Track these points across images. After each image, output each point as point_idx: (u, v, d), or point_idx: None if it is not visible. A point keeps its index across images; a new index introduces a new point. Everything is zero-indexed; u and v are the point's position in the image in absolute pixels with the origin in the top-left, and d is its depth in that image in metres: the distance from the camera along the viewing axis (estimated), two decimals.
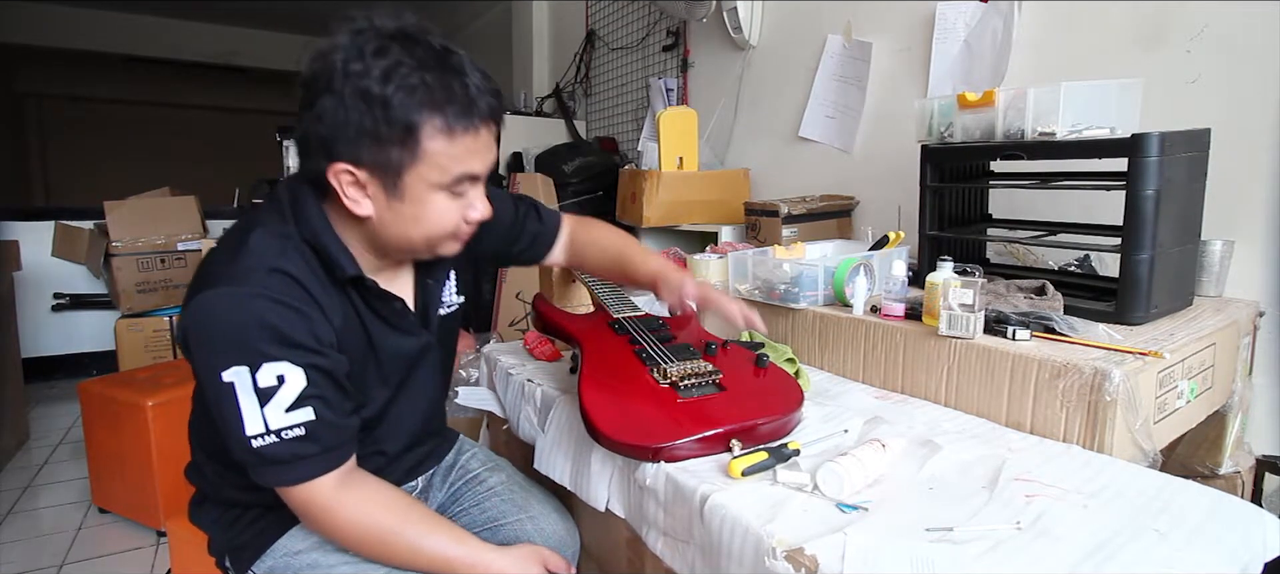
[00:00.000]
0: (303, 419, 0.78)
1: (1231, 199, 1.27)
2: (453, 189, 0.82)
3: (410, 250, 0.89)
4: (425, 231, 0.84)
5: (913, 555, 0.66)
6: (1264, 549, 0.73)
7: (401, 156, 0.78)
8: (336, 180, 0.79)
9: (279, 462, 0.79)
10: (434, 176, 0.80)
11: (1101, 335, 1.04)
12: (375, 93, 0.74)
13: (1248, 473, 1.23)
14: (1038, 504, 0.77)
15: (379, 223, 0.83)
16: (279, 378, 0.77)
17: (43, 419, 3.15)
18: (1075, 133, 1.14)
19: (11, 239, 3.14)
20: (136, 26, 5.94)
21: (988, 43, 1.64)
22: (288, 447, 0.78)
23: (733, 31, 2.31)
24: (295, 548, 0.92)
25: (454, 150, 0.79)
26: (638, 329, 1.14)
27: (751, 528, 0.74)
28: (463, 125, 0.78)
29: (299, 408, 0.78)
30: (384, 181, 0.79)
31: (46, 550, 2.03)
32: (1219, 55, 1.31)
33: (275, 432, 0.77)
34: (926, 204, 1.39)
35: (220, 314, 0.76)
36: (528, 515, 1.09)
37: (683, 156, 2.11)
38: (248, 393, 0.76)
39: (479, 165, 0.83)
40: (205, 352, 0.77)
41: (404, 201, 0.81)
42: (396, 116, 0.75)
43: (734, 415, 0.92)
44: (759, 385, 1.03)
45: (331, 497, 0.82)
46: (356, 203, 0.81)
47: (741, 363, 1.07)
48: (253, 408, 0.76)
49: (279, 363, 0.77)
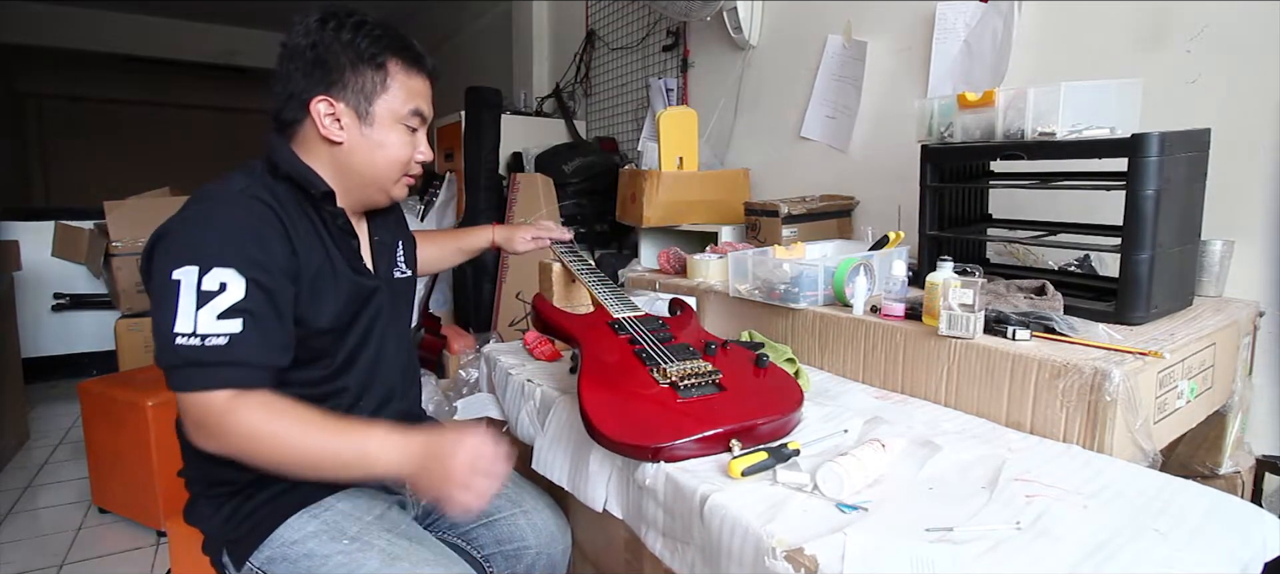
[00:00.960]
0: (228, 330, 0.81)
1: (1231, 199, 1.27)
2: (408, 123, 1.00)
3: (371, 181, 1.01)
4: (387, 158, 0.99)
5: (913, 555, 0.66)
6: (1264, 549, 0.73)
7: (374, 84, 0.96)
8: (317, 111, 0.94)
9: (193, 364, 0.80)
10: (396, 105, 0.98)
11: (1101, 335, 1.04)
12: (350, 38, 0.94)
13: (1248, 473, 1.23)
14: (1038, 504, 0.77)
15: (350, 150, 0.97)
16: (221, 285, 0.82)
17: (43, 419, 3.15)
18: (1075, 133, 1.14)
19: (11, 239, 3.15)
20: (136, 26, 5.94)
21: (988, 43, 1.64)
22: (206, 352, 0.80)
23: (733, 31, 2.31)
24: (292, 538, 0.92)
25: (412, 85, 0.99)
26: (637, 329, 1.14)
27: (751, 528, 0.74)
28: (417, 67, 1.00)
29: (229, 318, 0.82)
30: (357, 109, 0.96)
31: (46, 550, 2.03)
32: (1219, 55, 1.31)
33: (200, 336, 0.80)
34: (926, 204, 1.39)
35: (188, 223, 0.85)
36: (521, 509, 1.10)
37: (683, 156, 2.11)
38: (190, 292, 0.81)
39: (427, 107, 1.02)
40: (163, 257, 0.83)
41: (373, 127, 0.97)
42: (369, 52, 0.95)
43: (734, 415, 0.92)
44: (759, 385, 1.03)
45: (225, 405, 0.81)
46: (331, 131, 0.96)
47: (741, 363, 1.07)
48: (189, 307, 0.80)
49: (226, 269, 0.82)
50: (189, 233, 0.84)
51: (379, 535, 0.94)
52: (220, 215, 0.86)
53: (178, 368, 0.81)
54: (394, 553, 0.92)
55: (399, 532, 0.96)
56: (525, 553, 1.08)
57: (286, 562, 0.92)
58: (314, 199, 0.96)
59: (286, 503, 0.94)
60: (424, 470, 0.84)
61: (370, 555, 0.91)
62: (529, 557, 1.08)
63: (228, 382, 0.82)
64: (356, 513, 0.96)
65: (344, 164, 0.98)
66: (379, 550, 0.91)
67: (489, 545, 1.08)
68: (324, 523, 0.94)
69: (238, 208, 0.87)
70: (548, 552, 1.10)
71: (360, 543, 0.92)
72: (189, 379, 0.81)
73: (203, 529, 0.99)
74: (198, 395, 0.81)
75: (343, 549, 0.91)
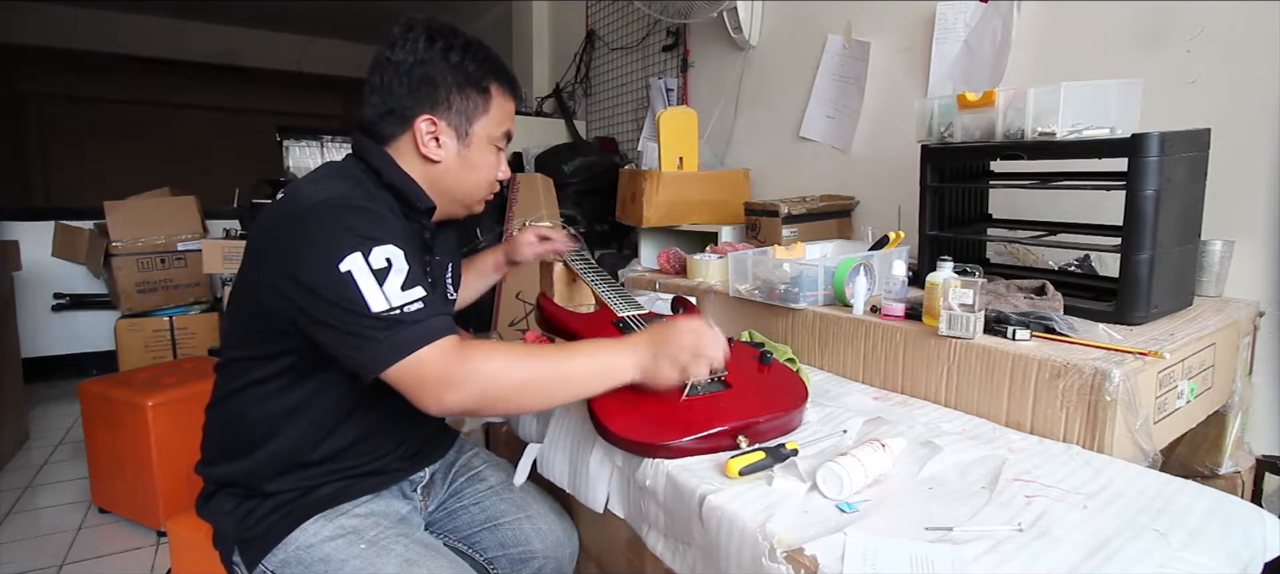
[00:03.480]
0: (417, 296, 0.83)
1: (1231, 199, 1.27)
2: (498, 144, 1.04)
3: (459, 198, 1.04)
4: (478, 179, 1.03)
5: (913, 555, 0.66)
6: (1264, 549, 0.73)
7: (476, 106, 0.99)
8: (418, 131, 0.97)
9: (405, 326, 0.81)
10: (493, 128, 1.02)
11: (1101, 335, 1.04)
12: (459, 61, 0.97)
13: (1248, 473, 1.23)
14: (1038, 504, 0.77)
15: (445, 169, 1.00)
16: (387, 260, 0.83)
17: (43, 419, 3.14)
18: (1075, 133, 1.14)
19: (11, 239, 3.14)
20: (136, 26, 5.94)
21: (987, 43, 1.64)
22: (410, 316, 0.81)
23: (733, 31, 2.31)
24: (308, 542, 0.92)
25: (508, 109, 1.04)
26: (641, 327, 1.14)
27: (750, 528, 0.74)
28: (514, 91, 1.05)
29: (411, 287, 0.83)
30: (458, 130, 0.99)
31: (46, 550, 2.03)
32: (1219, 55, 1.31)
33: (397, 307, 0.81)
34: (926, 204, 1.39)
35: (325, 224, 0.84)
36: (526, 515, 1.09)
37: (683, 156, 2.11)
38: (366, 275, 0.81)
39: (514, 129, 1.07)
40: (317, 253, 0.82)
41: (470, 148, 1.01)
42: (476, 75, 0.98)
43: (740, 412, 0.93)
44: (764, 382, 1.03)
45: (456, 348, 0.82)
46: (431, 149, 0.98)
47: (745, 360, 1.08)
48: (373, 287, 0.81)
49: (385, 246, 0.83)
50: (329, 232, 0.83)
51: (396, 541, 0.93)
52: (353, 207, 0.86)
53: (391, 341, 0.80)
54: (411, 558, 0.91)
55: (415, 539, 0.95)
56: (531, 559, 1.08)
57: (301, 565, 0.91)
58: (412, 212, 0.99)
59: (303, 507, 0.93)
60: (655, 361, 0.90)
61: (387, 561, 0.90)
62: (535, 562, 1.08)
63: (445, 329, 0.83)
64: (373, 518, 0.96)
65: (437, 180, 1.00)
66: (396, 556, 0.91)
67: (493, 550, 1.08)
68: (340, 527, 0.93)
69: (357, 201, 0.88)
70: (555, 557, 1.09)
71: (377, 548, 0.91)
72: (408, 341, 0.80)
73: (216, 525, 0.98)
74: (424, 352, 0.80)
75: (359, 554, 0.90)
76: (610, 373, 0.90)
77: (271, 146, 3.23)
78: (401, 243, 0.85)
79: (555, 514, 1.12)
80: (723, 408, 0.94)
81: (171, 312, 3.20)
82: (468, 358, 0.82)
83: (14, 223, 3.52)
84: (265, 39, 6.32)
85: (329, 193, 0.88)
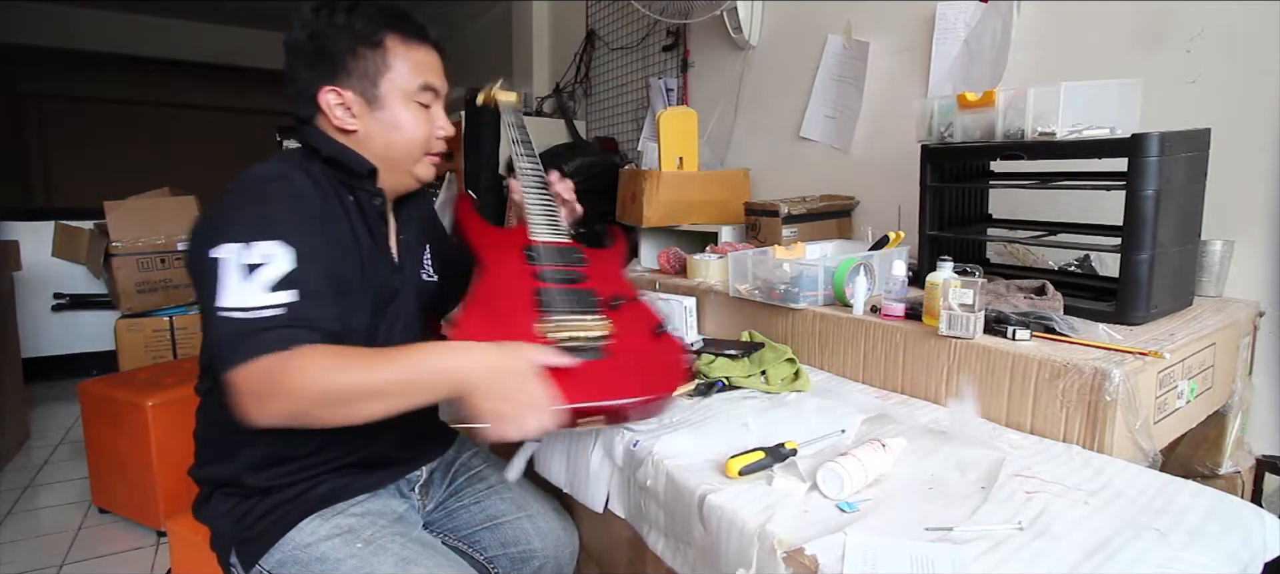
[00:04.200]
0: (285, 300, 0.78)
1: (1231, 199, 1.27)
2: (418, 99, 0.97)
3: (392, 165, 0.99)
4: (405, 138, 0.97)
5: (913, 555, 0.66)
6: (1264, 549, 0.73)
7: (375, 66, 0.94)
8: (326, 102, 0.93)
9: (246, 335, 0.76)
10: (403, 82, 0.96)
11: (1101, 335, 1.04)
12: (345, 21, 0.93)
13: (1248, 473, 1.23)
14: (1037, 504, 0.77)
15: (365, 137, 0.96)
16: (265, 256, 0.79)
17: (43, 419, 3.14)
18: (1075, 133, 1.14)
19: (11, 239, 3.14)
20: (136, 26, 5.94)
21: (987, 43, 1.64)
22: (258, 321, 0.77)
23: (733, 31, 2.31)
24: (304, 541, 0.91)
25: (416, 58, 0.97)
26: (552, 260, 1.07)
27: (750, 528, 0.74)
28: (418, 38, 0.97)
29: (283, 289, 0.79)
30: (365, 94, 0.94)
31: (46, 550, 2.03)
32: (1219, 55, 1.31)
33: (250, 308, 0.77)
34: (926, 204, 1.39)
35: (222, 205, 0.85)
36: (526, 514, 1.09)
37: (683, 156, 2.10)
38: (233, 268, 0.78)
39: (437, 79, 1.00)
40: (200, 243, 0.81)
41: (383, 109, 0.96)
42: (365, 32, 0.93)
43: (600, 391, 0.88)
44: (644, 360, 0.97)
45: (283, 363, 0.76)
46: (345, 120, 0.95)
47: (639, 326, 1.02)
48: (235, 282, 0.78)
49: (270, 242, 0.80)
50: (224, 214, 0.83)
51: (392, 540, 0.93)
52: (256, 192, 0.85)
53: (232, 340, 0.76)
54: (407, 557, 0.91)
55: (412, 537, 0.95)
56: (531, 558, 1.07)
57: (298, 565, 0.91)
58: (353, 181, 0.96)
59: (300, 506, 0.93)
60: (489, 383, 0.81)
61: (383, 559, 0.90)
62: (536, 561, 1.08)
63: (286, 342, 0.76)
64: (370, 518, 0.95)
65: (363, 150, 0.97)
66: (392, 555, 0.90)
67: (493, 549, 1.08)
68: (336, 526, 0.93)
69: (272, 183, 0.86)
70: (555, 556, 1.09)
71: (374, 547, 0.91)
72: (247, 348, 0.75)
73: (213, 527, 0.98)
74: (255, 362, 0.75)
75: (355, 553, 0.90)
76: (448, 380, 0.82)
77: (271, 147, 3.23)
78: (297, 239, 0.81)
79: (555, 513, 1.12)
80: (587, 384, 0.87)
81: (171, 311, 3.19)
82: (296, 368, 0.75)
83: (14, 223, 3.52)
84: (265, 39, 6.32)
85: (253, 169, 0.88)
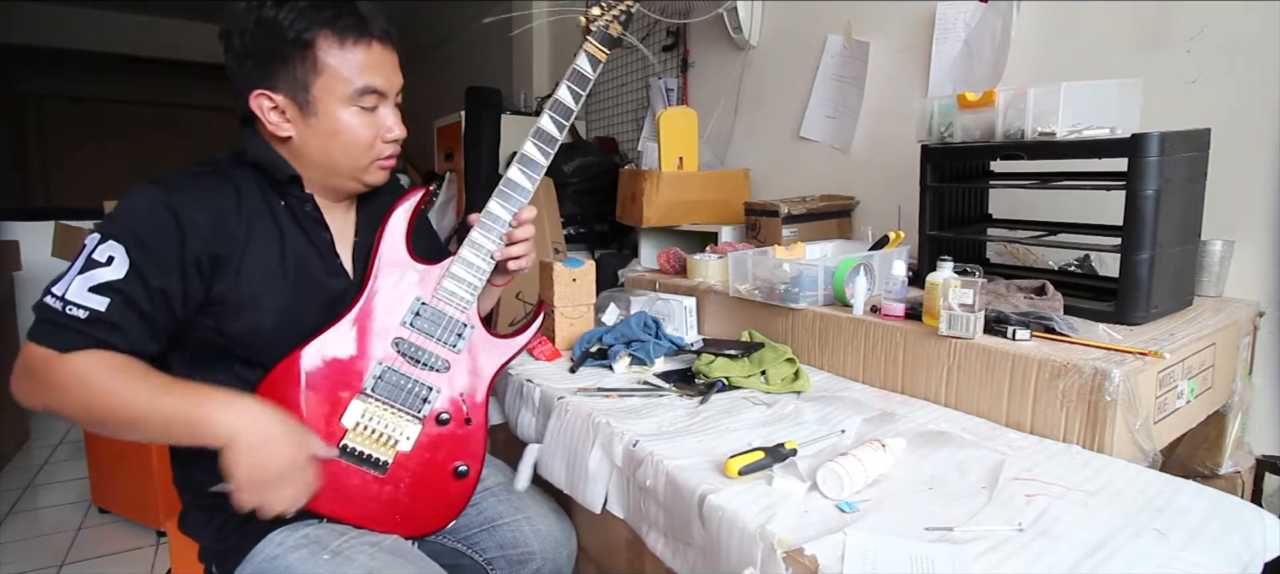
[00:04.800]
0: (94, 304, 0.78)
1: (1231, 199, 1.27)
2: (359, 103, 0.89)
3: (334, 171, 0.93)
4: (343, 146, 0.90)
5: (912, 555, 0.66)
6: (1264, 549, 0.73)
7: (305, 72, 0.86)
8: (258, 107, 0.87)
9: (47, 322, 0.78)
10: (338, 88, 0.88)
11: (1101, 335, 1.04)
12: (270, 17, 0.84)
13: (1248, 473, 1.23)
14: (1038, 504, 0.77)
15: (301, 143, 0.90)
16: (109, 258, 0.79)
17: (43, 419, 3.14)
18: (1075, 133, 1.14)
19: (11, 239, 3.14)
20: (136, 26, 5.94)
21: (987, 43, 1.64)
22: (63, 316, 0.78)
23: (733, 31, 2.31)
24: (273, 553, 0.90)
25: (351, 61, 0.87)
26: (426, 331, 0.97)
27: (750, 528, 0.74)
28: (353, 37, 0.87)
29: (101, 294, 0.78)
30: (297, 100, 0.87)
31: (46, 550, 2.03)
32: (1219, 55, 1.31)
33: (66, 301, 0.78)
34: (926, 204, 1.39)
35: (123, 200, 0.83)
36: (525, 516, 1.09)
37: (683, 156, 2.11)
38: (83, 257, 0.79)
39: (381, 81, 0.90)
40: None
41: (318, 117, 0.88)
42: (291, 33, 0.84)
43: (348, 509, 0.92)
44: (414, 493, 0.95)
45: (54, 358, 0.78)
46: (278, 126, 0.89)
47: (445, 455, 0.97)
48: (73, 270, 0.79)
49: (118, 244, 0.79)
50: (116, 208, 0.83)
51: (360, 551, 0.91)
52: (143, 193, 0.83)
53: (37, 321, 0.79)
54: (375, 568, 0.89)
55: (382, 546, 0.93)
56: (530, 559, 1.07)
57: None
58: (279, 185, 0.91)
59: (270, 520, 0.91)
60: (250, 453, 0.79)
61: (350, 570, 0.88)
62: (534, 563, 1.07)
63: (69, 346, 0.78)
64: (338, 528, 0.94)
65: (300, 156, 0.91)
66: (359, 565, 0.88)
67: (492, 551, 1.08)
68: (305, 537, 0.91)
69: (163, 188, 0.83)
70: (553, 558, 1.09)
71: (342, 557, 0.89)
72: (38, 333, 0.78)
73: (195, 539, 0.98)
74: (39, 348, 0.78)
75: (322, 564, 0.88)
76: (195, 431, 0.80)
77: None
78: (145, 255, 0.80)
79: (554, 515, 1.12)
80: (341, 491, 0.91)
81: None
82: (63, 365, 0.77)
83: (14, 223, 3.52)
84: None
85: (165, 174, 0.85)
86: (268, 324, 0.90)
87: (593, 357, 1.37)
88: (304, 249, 0.93)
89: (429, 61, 5.33)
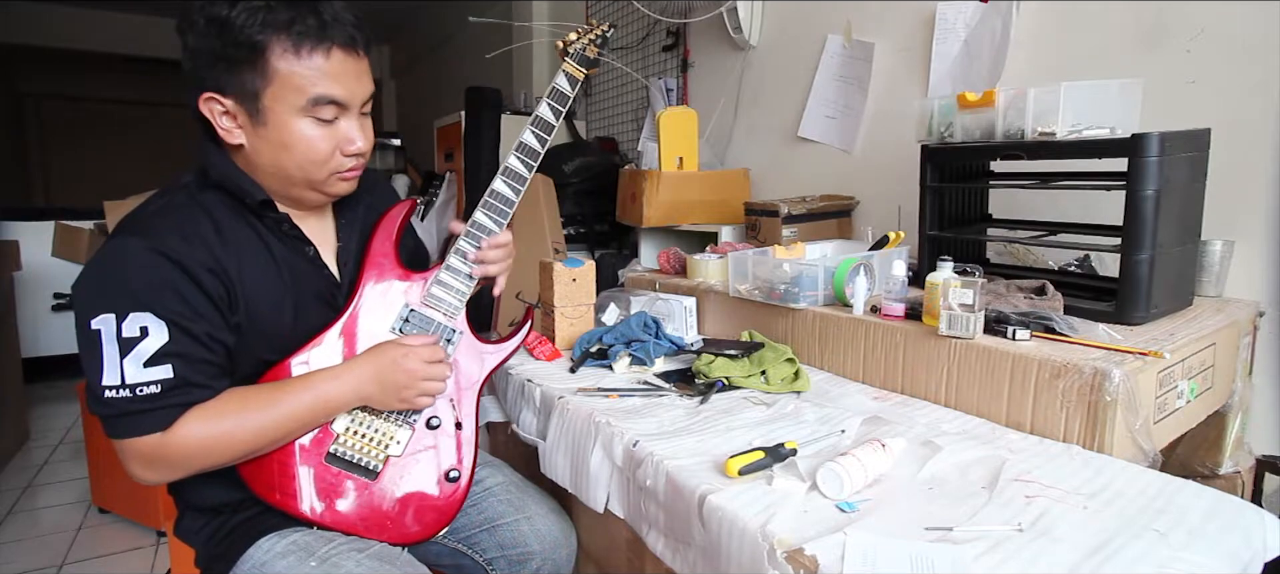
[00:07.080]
0: (159, 376, 0.78)
1: (1231, 199, 1.27)
2: (315, 115, 0.83)
3: (290, 182, 0.88)
4: (297, 159, 0.85)
5: (912, 555, 0.66)
6: (1264, 549, 0.73)
7: (254, 79, 0.80)
8: (209, 111, 0.83)
9: (126, 415, 0.78)
10: (291, 98, 0.82)
11: (1101, 335, 1.04)
12: (221, 16, 0.78)
13: (1248, 473, 1.23)
14: (1038, 504, 0.77)
15: (253, 152, 0.85)
16: (143, 330, 0.77)
17: (43, 419, 3.14)
18: (1075, 133, 1.14)
19: (11, 239, 3.14)
20: (136, 26, 5.94)
21: (987, 43, 1.64)
22: (139, 402, 0.78)
23: (733, 31, 2.31)
24: (261, 560, 0.90)
25: (305, 71, 0.81)
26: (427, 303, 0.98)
27: (751, 528, 0.74)
28: (310, 44, 0.80)
29: (157, 364, 0.78)
30: (247, 106, 0.82)
31: (46, 550, 2.03)
32: (1219, 55, 1.31)
33: (129, 386, 0.77)
34: (926, 204, 1.39)
35: (103, 264, 0.79)
36: (525, 516, 1.09)
37: (683, 156, 2.11)
38: (111, 341, 0.77)
39: (339, 90, 0.84)
40: (81, 306, 0.78)
41: (268, 126, 0.83)
42: (240, 37, 0.78)
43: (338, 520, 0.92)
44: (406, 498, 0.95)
45: (159, 440, 0.80)
46: (229, 132, 0.84)
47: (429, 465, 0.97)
48: (113, 357, 0.77)
49: (144, 313, 0.77)
50: (103, 276, 0.78)
51: (347, 557, 0.90)
52: (134, 252, 0.79)
53: (111, 418, 0.79)
54: None
55: (370, 552, 0.92)
56: (529, 559, 1.07)
57: None
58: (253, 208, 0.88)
59: (258, 526, 0.92)
60: (380, 387, 0.89)
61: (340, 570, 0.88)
62: (533, 563, 1.07)
63: (163, 423, 0.80)
64: (328, 535, 0.93)
65: (256, 167, 0.87)
66: (346, 572, 0.88)
67: (492, 550, 1.08)
68: (293, 543, 0.91)
69: (152, 238, 0.79)
70: (552, 557, 1.09)
71: (329, 564, 0.89)
72: (126, 428, 0.79)
73: (189, 545, 0.98)
74: (137, 441, 0.79)
75: (309, 569, 0.88)
76: (327, 407, 0.87)
77: None
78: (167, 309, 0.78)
79: (554, 514, 1.12)
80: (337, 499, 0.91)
81: None
82: (173, 441, 0.79)
83: (14, 223, 3.52)
84: None
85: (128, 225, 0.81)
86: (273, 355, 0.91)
87: (593, 357, 1.37)
88: (292, 259, 0.93)
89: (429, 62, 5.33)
